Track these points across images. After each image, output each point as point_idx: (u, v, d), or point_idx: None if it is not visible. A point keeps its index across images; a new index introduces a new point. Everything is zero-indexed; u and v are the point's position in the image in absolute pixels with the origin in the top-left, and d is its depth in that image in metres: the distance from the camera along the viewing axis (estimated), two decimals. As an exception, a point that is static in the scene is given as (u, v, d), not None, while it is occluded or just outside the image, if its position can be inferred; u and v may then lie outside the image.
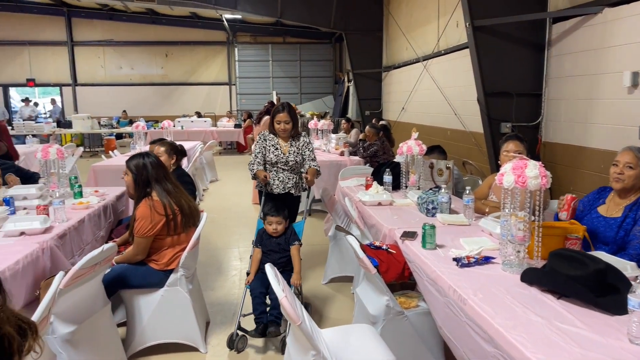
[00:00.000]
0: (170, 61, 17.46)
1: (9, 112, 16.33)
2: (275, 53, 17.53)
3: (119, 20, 16.62)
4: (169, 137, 8.93)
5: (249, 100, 17.38)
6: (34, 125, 13.18)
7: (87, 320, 2.58)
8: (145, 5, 13.88)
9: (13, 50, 16.60)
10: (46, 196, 3.72)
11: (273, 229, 3.32)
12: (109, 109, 16.37)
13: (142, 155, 3.07)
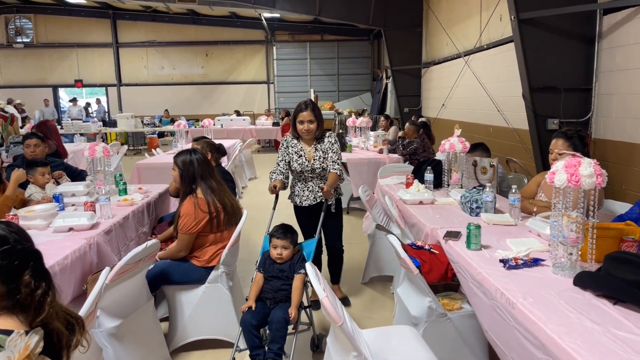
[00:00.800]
0: (211, 61, 17.75)
1: (58, 112, 17.02)
2: (313, 51, 17.55)
3: (161, 22, 17.03)
4: (210, 135, 9.08)
5: (287, 99, 17.47)
6: (81, 124, 13.67)
7: (132, 314, 2.64)
8: (186, 5, 14.15)
9: (62, 52, 17.28)
10: (93, 193, 3.83)
11: (277, 254, 2.80)
12: (152, 108, 16.81)
13: (189, 151, 3.12)
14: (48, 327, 1.35)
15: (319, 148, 3.43)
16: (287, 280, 2.78)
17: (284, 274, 2.80)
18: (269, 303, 2.74)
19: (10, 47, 16.92)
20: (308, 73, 17.66)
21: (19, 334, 1.26)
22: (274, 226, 2.93)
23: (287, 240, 2.82)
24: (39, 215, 3.02)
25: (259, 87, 17.99)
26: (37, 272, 1.36)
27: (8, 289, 1.31)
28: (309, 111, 3.38)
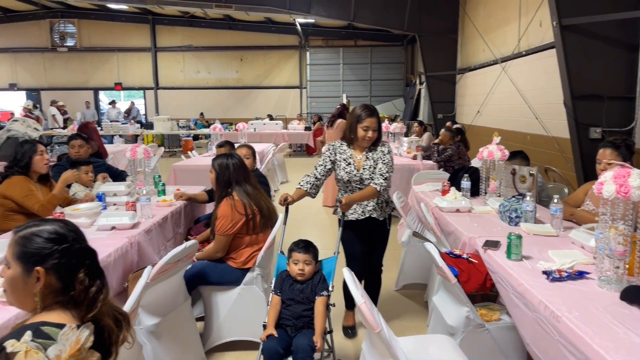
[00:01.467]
0: (245, 65, 17.99)
1: (98, 113, 17.55)
2: (346, 56, 17.58)
3: (198, 27, 17.38)
4: (244, 138, 9.20)
5: (319, 104, 17.54)
6: (120, 126, 14.07)
7: (170, 313, 2.69)
8: (223, 11, 14.40)
9: (103, 56, 17.84)
10: (133, 193, 3.93)
11: (299, 270, 2.59)
12: (187, 112, 17.14)
13: (227, 155, 3.18)
14: (99, 323, 1.40)
15: (370, 157, 3.07)
16: (308, 304, 2.58)
17: (304, 296, 2.59)
18: (289, 330, 2.55)
19: (54, 50, 17.58)
20: (340, 78, 17.69)
21: (70, 327, 1.31)
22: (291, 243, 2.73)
23: (309, 254, 2.62)
24: (83, 214, 3.12)
25: (291, 92, 18.13)
26: (92, 270, 1.41)
27: (63, 285, 1.36)
28: (375, 118, 3.02)
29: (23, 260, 1.34)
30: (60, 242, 1.37)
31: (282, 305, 2.61)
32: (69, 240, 1.39)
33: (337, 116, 7.05)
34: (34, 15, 17.09)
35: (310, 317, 2.54)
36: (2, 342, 1.20)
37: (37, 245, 1.35)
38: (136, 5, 14.44)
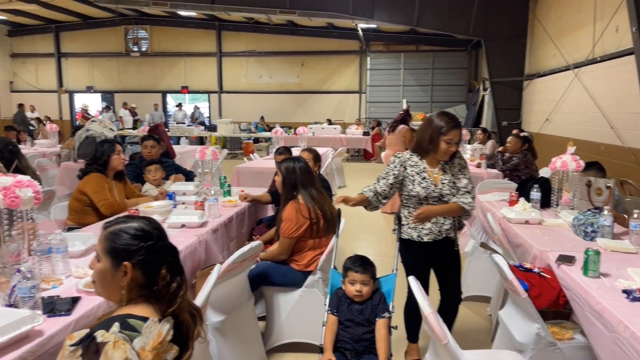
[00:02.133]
0: (306, 70, 18.22)
1: (165, 115, 18.35)
2: (408, 61, 17.38)
3: (261, 32, 17.80)
4: (303, 142, 9.31)
5: (378, 109, 17.44)
6: (185, 128, 14.65)
7: (234, 311, 2.77)
8: (286, 17, 14.67)
9: (172, 61, 18.65)
10: (201, 193, 4.08)
11: (356, 291, 2.46)
12: (249, 115, 17.56)
13: (293, 159, 3.24)
14: (178, 318, 1.46)
15: (447, 170, 2.74)
16: (368, 326, 2.43)
17: (364, 317, 2.45)
18: (348, 355, 2.43)
19: (127, 55, 18.57)
20: (401, 83, 17.51)
21: (153, 321, 1.38)
22: (345, 258, 2.61)
23: (367, 274, 2.47)
24: (156, 211, 3.27)
25: (350, 97, 18.15)
26: (173, 267, 1.47)
27: (147, 280, 1.43)
28: (459, 130, 2.68)
29: (112, 255, 1.43)
30: (146, 239, 1.44)
31: (339, 327, 2.48)
32: (154, 238, 1.46)
33: (400, 122, 6.99)
34: (111, 22, 18.15)
35: (371, 341, 2.40)
36: (93, 332, 1.28)
37: (124, 241, 1.43)
38: (204, 12, 14.99)
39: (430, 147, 2.69)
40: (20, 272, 1.83)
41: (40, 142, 9.70)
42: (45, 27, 18.49)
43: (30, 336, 1.65)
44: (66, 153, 7.81)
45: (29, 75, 19.23)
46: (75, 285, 2.10)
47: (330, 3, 12.04)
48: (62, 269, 2.22)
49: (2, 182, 1.92)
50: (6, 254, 2.00)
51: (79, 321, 1.84)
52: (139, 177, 4.51)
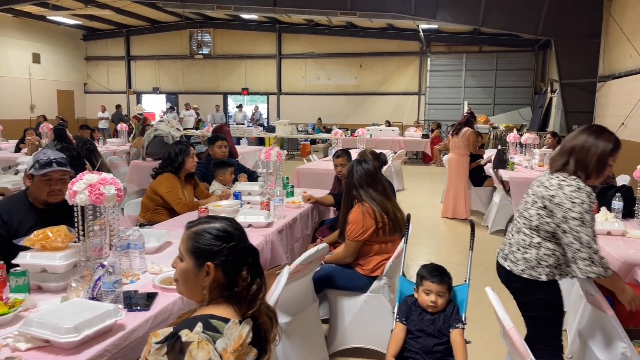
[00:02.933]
0: (364, 72, 18.14)
1: (226, 116, 18.84)
2: (470, 62, 16.91)
3: (320, 34, 17.90)
4: (362, 145, 9.25)
5: (438, 111, 17.08)
6: (245, 128, 14.97)
7: (299, 313, 2.76)
8: (346, 19, 14.66)
9: (233, 63, 19.13)
10: (265, 193, 4.12)
11: (431, 302, 2.38)
12: (306, 116, 17.70)
13: (358, 160, 3.20)
14: (257, 320, 1.45)
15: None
16: (440, 337, 2.34)
17: (436, 328, 2.35)
18: None
19: (192, 57, 19.23)
20: (462, 85, 17.06)
21: (234, 322, 1.38)
22: (420, 267, 2.52)
23: (444, 285, 2.39)
24: (224, 210, 3.33)
25: (409, 99, 17.89)
26: (254, 268, 1.47)
27: (228, 281, 1.44)
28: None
29: (196, 255, 1.44)
30: (228, 239, 1.45)
31: (408, 336, 2.41)
32: (236, 239, 1.46)
33: (464, 124, 6.78)
34: (177, 26, 18.87)
35: (442, 353, 2.32)
36: (177, 332, 1.30)
37: (207, 241, 1.44)
38: (266, 14, 15.26)
39: (594, 172, 2.22)
40: (104, 266, 1.90)
41: (111, 140, 10.22)
42: (117, 32, 19.50)
43: (113, 330, 1.70)
44: (135, 151, 8.17)
45: (101, 77, 20.33)
46: (152, 281, 2.16)
47: (392, 4, 11.90)
48: (139, 264, 2.29)
49: (88, 179, 2.00)
50: (90, 248, 2.09)
51: (157, 317, 1.88)
52: (205, 177, 4.62)
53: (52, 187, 2.52)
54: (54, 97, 18.68)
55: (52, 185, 2.52)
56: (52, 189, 2.52)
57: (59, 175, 2.53)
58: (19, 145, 8.10)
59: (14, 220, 2.49)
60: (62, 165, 2.54)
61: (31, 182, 2.54)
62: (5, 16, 16.25)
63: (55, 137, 7.03)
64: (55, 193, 2.53)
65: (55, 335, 1.54)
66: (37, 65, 17.83)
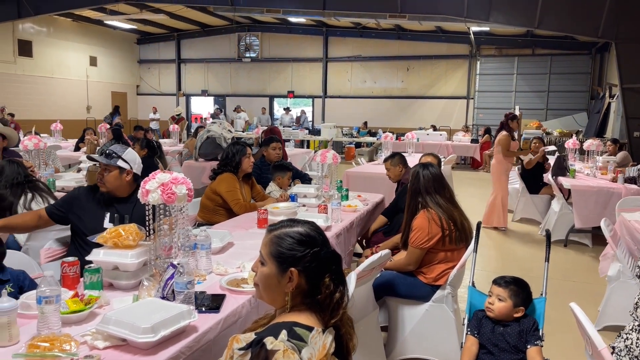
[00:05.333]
0: (411, 75, 17.91)
1: (272, 119, 19.02)
2: (522, 66, 16.39)
3: (367, 37, 17.81)
4: (411, 149, 9.10)
5: (487, 115, 16.63)
6: (291, 131, 15.05)
7: (359, 321, 2.68)
8: (395, 21, 14.52)
9: (280, 66, 19.31)
10: (320, 196, 4.08)
11: (488, 303, 2.29)
12: (351, 119, 17.64)
13: (422, 165, 3.10)
14: (339, 330, 1.39)
15: None
16: (515, 353, 2.20)
17: (510, 344, 2.21)
18: None
19: (239, 61, 19.55)
20: (513, 89, 16.55)
21: (317, 331, 1.32)
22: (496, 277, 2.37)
23: (507, 290, 2.25)
24: (283, 212, 3.30)
25: (457, 102, 17.52)
26: (337, 276, 1.41)
27: (310, 287, 1.38)
28: None
29: (278, 260, 1.40)
30: (312, 245, 1.40)
31: (481, 351, 2.30)
32: (319, 244, 1.41)
33: (500, 128, 6.52)
34: (226, 30, 19.23)
35: None
36: (261, 338, 1.25)
37: (290, 246, 1.39)
38: (314, 17, 15.31)
39: None
40: (174, 266, 1.90)
41: (163, 141, 10.47)
42: (169, 36, 20.07)
43: (186, 331, 1.68)
44: (186, 152, 8.33)
45: (153, 79, 20.97)
46: (219, 282, 2.14)
47: (443, 5, 11.65)
48: (205, 265, 2.28)
49: (160, 179, 2.01)
50: (160, 247, 2.09)
51: (227, 320, 1.86)
52: (259, 178, 4.62)
53: (97, 175, 2.69)
54: (109, 98, 19.41)
55: (98, 174, 2.69)
56: (97, 177, 2.69)
57: (103, 166, 2.66)
58: (78, 144, 8.42)
59: (85, 199, 2.71)
60: (106, 157, 2.65)
61: None
62: (66, 20, 17.03)
63: (112, 136, 7.26)
64: (99, 182, 2.69)
65: (133, 334, 1.53)
66: (94, 67, 18.57)
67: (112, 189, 2.66)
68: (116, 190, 2.67)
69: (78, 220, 2.67)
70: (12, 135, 4.69)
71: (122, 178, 2.66)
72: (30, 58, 16.10)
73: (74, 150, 8.36)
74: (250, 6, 13.41)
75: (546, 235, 2.56)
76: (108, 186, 2.65)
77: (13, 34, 15.43)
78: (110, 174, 2.64)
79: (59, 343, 1.48)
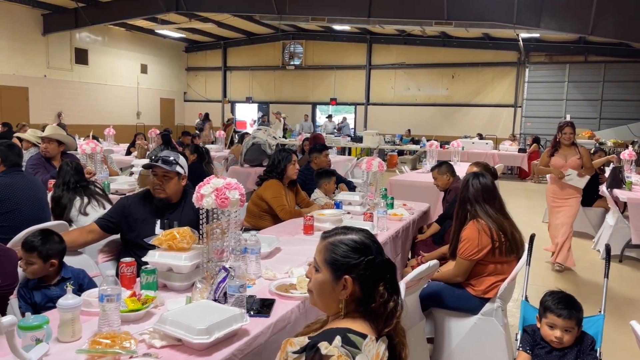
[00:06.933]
0: (456, 82, 17.63)
1: (314, 126, 19.14)
2: (573, 73, 15.84)
3: (412, 44, 17.68)
4: (456, 157, 8.93)
5: (535, 124, 16.15)
6: (333, 138, 15.08)
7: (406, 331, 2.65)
8: (441, 28, 14.34)
9: (323, 73, 19.44)
10: (365, 204, 4.06)
11: (556, 338, 2.13)
12: (393, 127, 17.50)
13: (474, 174, 3.04)
14: (392, 340, 1.38)
15: None
16: None
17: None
18: None
19: (284, 68, 19.81)
20: (564, 97, 16.01)
21: (371, 339, 1.32)
22: (545, 293, 2.27)
23: (572, 320, 2.11)
24: (328, 219, 3.32)
25: (504, 111, 17.09)
26: (391, 284, 1.40)
27: (364, 295, 1.38)
28: None
29: (333, 267, 1.40)
30: (366, 253, 1.40)
31: None
32: (373, 252, 1.41)
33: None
34: (271, 38, 19.55)
35: None
36: (316, 343, 1.26)
37: (345, 253, 1.40)
38: (360, 25, 15.34)
39: None
40: (226, 269, 1.93)
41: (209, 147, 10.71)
42: (215, 44, 20.59)
43: (238, 334, 1.71)
44: (232, 158, 8.50)
45: (200, 86, 21.54)
46: (268, 287, 2.17)
47: (491, 12, 11.43)
48: (254, 269, 2.32)
49: (215, 184, 2.06)
50: (212, 250, 2.14)
51: (277, 324, 1.88)
52: (303, 185, 4.66)
53: (155, 182, 2.71)
54: (157, 105, 20.07)
55: (155, 180, 2.71)
56: (155, 184, 2.71)
57: (161, 172, 2.70)
58: (129, 148, 8.74)
59: (136, 208, 2.75)
60: (165, 163, 2.68)
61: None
62: (120, 30, 17.77)
63: (162, 142, 7.49)
64: (157, 188, 2.71)
65: (189, 335, 1.57)
66: (144, 75, 19.27)
67: (170, 195, 2.73)
68: (173, 196, 2.74)
69: (129, 228, 2.71)
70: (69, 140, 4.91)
71: (179, 183, 2.74)
72: (86, 66, 16.87)
73: (125, 154, 8.68)
74: (296, 14, 13.58)
75: (606, 250, 2.45)
76: (168, 192, 2.71)
77: (70, 42, 16.23)
78: (171, 180, 2.70)
79: (120, 340, 1.54)
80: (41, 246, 2.18)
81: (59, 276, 2.24)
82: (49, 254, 2.19)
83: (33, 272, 2.18)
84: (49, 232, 2.31)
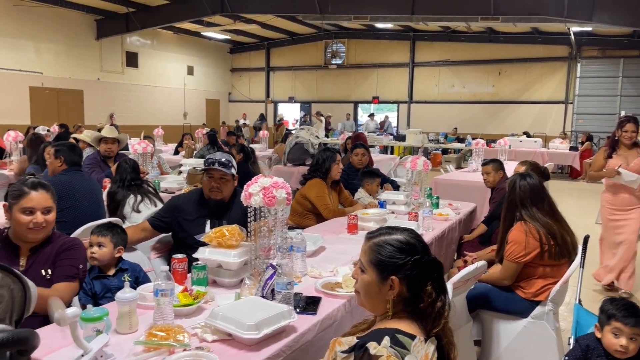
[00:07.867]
0: (502, 79, 17.16)
1: (356, 125, 19.10)
2: (628, 68, 15.09)
3: (456, 41, 17.33)
4: (503, 156, 8.70)
5: (588, 121, 15.49)
6: (375, 137, 15.01)
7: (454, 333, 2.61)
8: (487, 24, 14.00)
9: (365, 72, 19.36)
10: (409, 203, 4.03)
11: (621, 347, 2.00)
12: (437, 125, 17.24)
13: (521, 175, 2.96)
14: (441, 340, 1.37)
15: None
16: None
17: None
18: None
19: (326, 67, 19.87)
20: (618, 93, 15.27)
21: (420, 340, 1.31)
22: (603, 300, 2.15)
23: (639, 327, 2.00)
24: (372, 219, 3.32)
25: (554, 107, 16.49)
26: (438, 284, 1.40)
27: (411, 295, 1.38)
28: None
29: (379, 267, 1.41)
30: (412, 253, 1.39)
31: None
32: (419, 252, 1.40)
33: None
34: (314, 38, 19.64)
35: None
36: (364, 343, 1.27)
37: (390, 254, 1.40)
38: (403, 23, 15.17)
39: None
40: (273, 267, 1.97)
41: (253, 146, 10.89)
42: (259, 45, 20.89)
43: (285, 331, 1.74)
44: (276, 157, 8.61)
45: (244, 87, 21.92)
46: (314, 284, 2.19)
47: (541, 6, 11.05)
48: (300, 267, 2.35)
49: (262, 183, 2.10)
50: (259, 247, 2.18)
51: (323, 322, 1.90)
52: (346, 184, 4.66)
53: (212, 184, 2.76)
54: (203, 105, 20.57)
55: (213, 182, 2.76)
56: (212, 186, 2.77)
57: (219, 175, 2.76)
58: (177, 148, 9.01)
59: (187, 208, 2.82)
60: (222, 166, 2.74)
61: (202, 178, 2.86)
62: (168, 33, 18.32)
63: (208, 141, 7.69)
64: (215, 190, 2.76)
65: (239, 330, 1.62)
66: (191, 76, 19.79)
67: (226, 196, 2.81)
68: (227, 197, 2.82)
69: (180, 228, 2.80)
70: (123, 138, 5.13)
71: (234, 184, 2.82)
72: (136, 68, 17.50)
73: (173, 154, 8.95)
74: (338, 13, 13.59)
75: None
76: (225, 194, 2.79)
77: (122, 46, 16.88)
78: (228, 182, 2.78)
79: (174, 333, 1.60)
80: (114, 230, 2.35)
81: (117, 267, 2.34)
82: (118, 241, 2.33)
83: (102, 256, 2.29)
84: (113, 224, 2.46)
